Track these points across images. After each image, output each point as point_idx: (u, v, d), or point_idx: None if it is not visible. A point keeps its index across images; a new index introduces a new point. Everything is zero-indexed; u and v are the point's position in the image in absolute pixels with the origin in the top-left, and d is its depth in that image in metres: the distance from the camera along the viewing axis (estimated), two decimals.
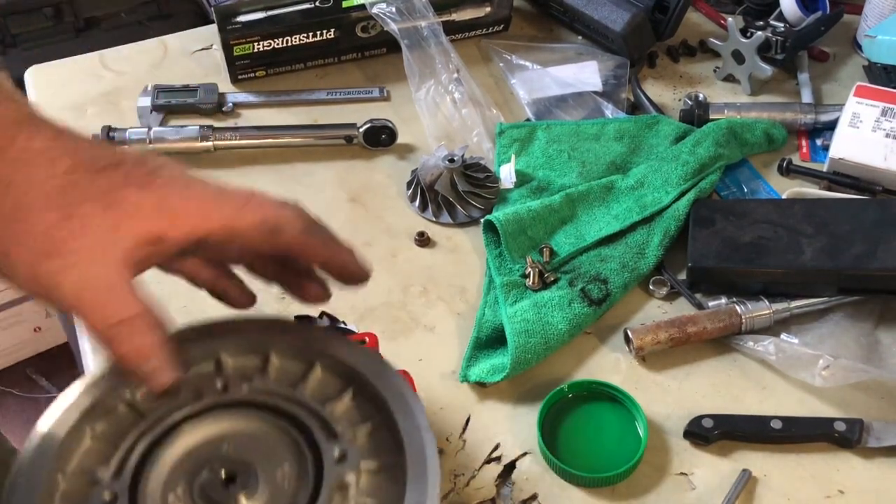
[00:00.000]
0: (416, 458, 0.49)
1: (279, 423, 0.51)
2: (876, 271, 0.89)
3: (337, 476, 0.48)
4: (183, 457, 0.49)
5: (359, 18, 1.17)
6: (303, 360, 0.54)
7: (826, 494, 0.80)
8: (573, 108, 1.15)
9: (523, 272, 0.94)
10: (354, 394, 0.53)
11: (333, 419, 0.51)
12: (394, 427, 0.51)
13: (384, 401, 0.52)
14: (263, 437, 0.50)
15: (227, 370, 0.53)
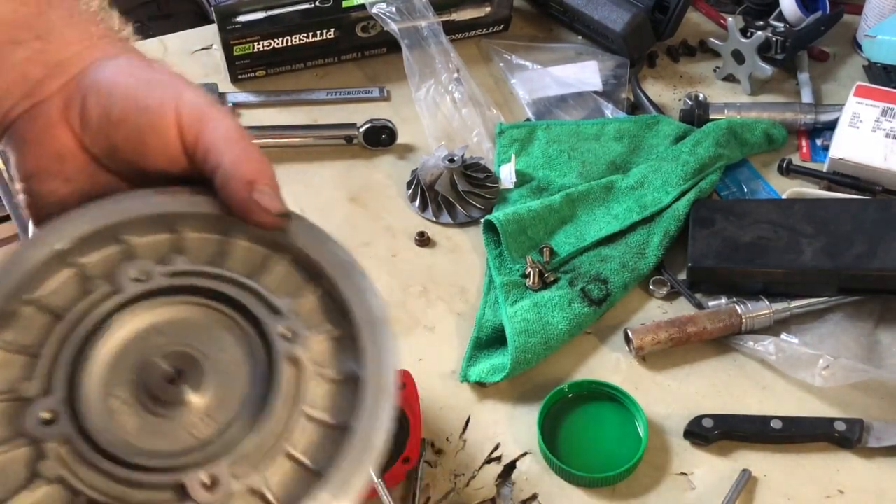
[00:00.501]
0: (366, 323, 0.46)
1: (212, 304, 0.46)
2: (876, 271, 0.89)
3: (286, 351, 0.44)
4: (116, 357, 0.44)
5: (359, 18, 1.16)
6: (219, 231, 0.49)
7: (826, 494, 0.80)
8: (573, 108, 1.15)
9: (523, 272, 0.94)
10: (286, 263, 0.48)
11: (270, 292, 0.46)
12: (337, 294, 0.47)
13: (320, 267, 0.47)
14: (198, 323, 0.45)
15: (138, 253, 0.48)
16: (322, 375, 0.45)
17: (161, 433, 0.42)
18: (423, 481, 0.80)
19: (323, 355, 0.45)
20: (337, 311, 0.47)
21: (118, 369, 0.43)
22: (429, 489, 0.80)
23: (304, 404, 0.43)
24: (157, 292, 0.45)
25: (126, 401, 0.43)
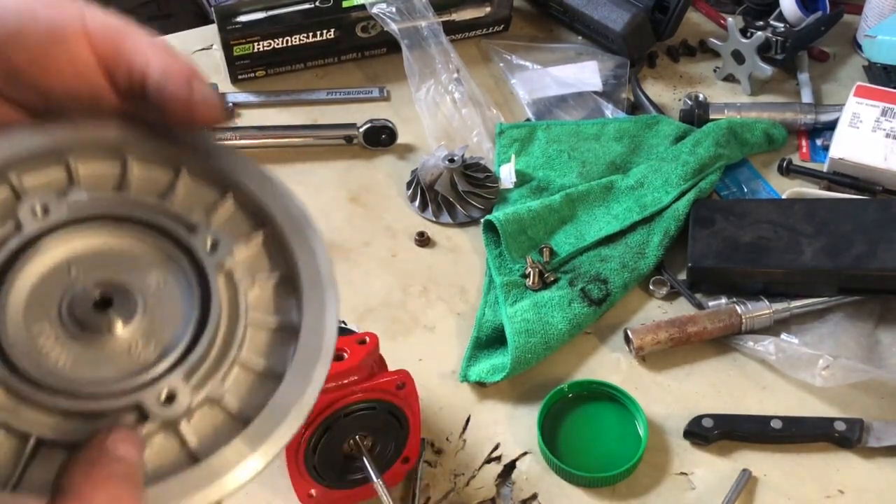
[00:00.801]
0: (291, 224, 0.44)
1: (131, 230, 0.43)
2: (876, 271, 0.89)
3: (217, 265, 0.42)
4: (34, 294, 0.41)
5: (359, 18, 1.17)
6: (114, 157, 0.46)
7: (826, 494, 0.80)
8: (573, 108, 1.15)
9: (523, 272, 0.94)
10: (188, 177, 0.46)
11: (184, 210, 0.44)
12: (252, 200, 0.45)
13: (226, 174, 0.45)
14: (119, 252, 0.43)
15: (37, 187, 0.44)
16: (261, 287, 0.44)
17: (101, 362, 0.40)
18: (423, 481, 0.80)
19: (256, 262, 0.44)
20: (256, 215, 0.45)
21: (39, 306, 0.40)
22: (429, 489, 0.80)
23: (245, 311, 0.42)
24: (65, 224, 0.42)
25: (56, 337, 0.40)
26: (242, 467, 0.39)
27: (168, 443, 0.39)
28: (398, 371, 0.73)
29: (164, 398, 0.39)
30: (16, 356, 0.39)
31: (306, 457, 0.72)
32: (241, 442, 0.39)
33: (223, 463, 0.39)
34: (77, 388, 0.38)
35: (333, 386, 0.70)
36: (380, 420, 0.73)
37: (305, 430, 0.70)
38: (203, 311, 0.41)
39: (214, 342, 0.41)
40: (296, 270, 0.44)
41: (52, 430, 0.38)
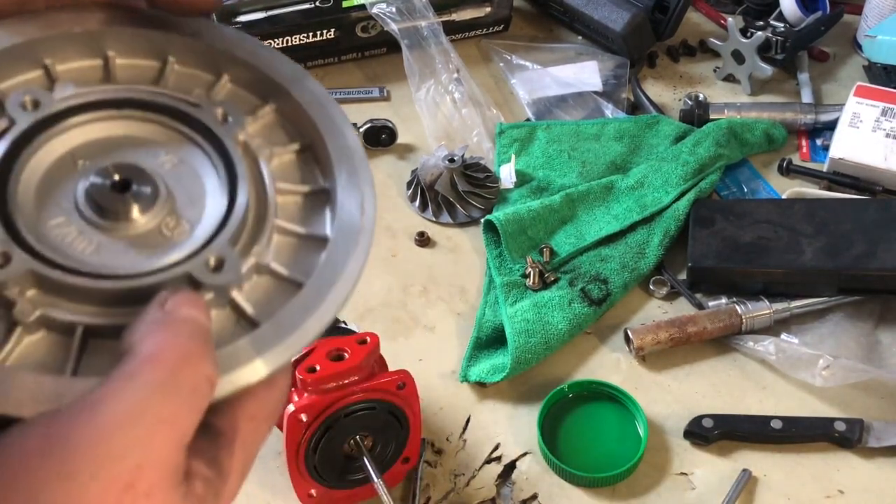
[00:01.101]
0: (305, 96, 0.42)
1: (131, 115, 0.41)
2: (876, 271, 0.89)
3: (232, 136, 0.39)
4: (44, 183, 0.38)
5: (359, 18, 1.16)
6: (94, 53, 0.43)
7: (826, 494, 0.80)
8: (573, 108, 1.15)
9: (523, 272, 0.94)
10: (178, 64, 0.43)
11: (181, 92, 0.41)
12: (253, 75, 0.43)
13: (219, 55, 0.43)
14: (125, 135, 0.40)
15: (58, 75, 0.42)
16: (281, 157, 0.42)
17: (133, 246, 0.37)
18: (423, 481, 0.80)
19: (270, 132, 0.42)
20: (263, 86, 0.43)
21: (53, 202, 0.38)
22: (429, 489, 0.80)
23: (271, 178, 0.40)
24: (60, 116, 0.39)
25: (79, 230, 0.37)
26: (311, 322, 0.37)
27: (224, 314, 0.37)
28: (398, 371, 0.73)
29: (213, 265, 0.36)
30: (44, 250, 0.36)
31: (306, 457, 0.72)
32: (298, 302, 0.37)
33: (285, 322, 0.37)
34: (116, 271, 0.36)
35: (334, 386, 0.70)
36: (380, 420, 0.73)
37: (305, 431, 0.70)
38: (230, 183, 0.39)
39: (249, 209, 0.38)
40: (318, 139, 0.41)
41: (98, 317, 0.35)
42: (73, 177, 0.38)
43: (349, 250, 0.39)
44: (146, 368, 0.32)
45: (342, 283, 0.38)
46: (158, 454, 0.32)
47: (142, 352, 0.33)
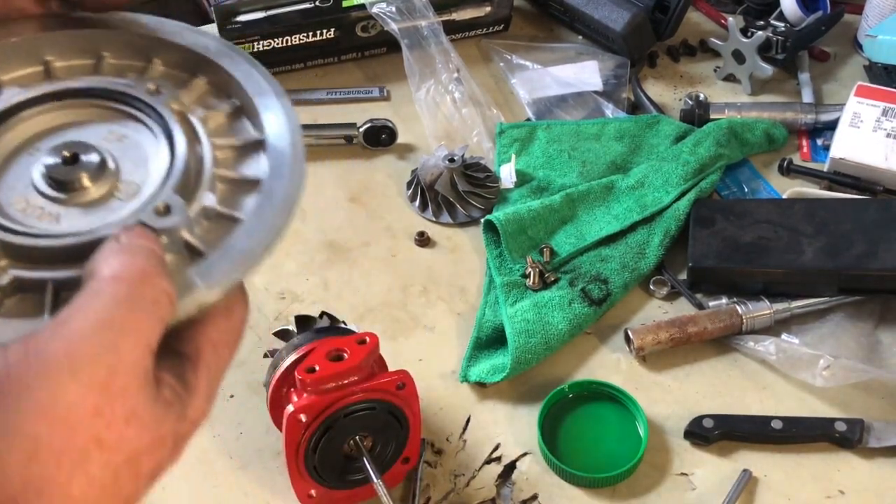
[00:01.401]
0: (231, 65, 0.47)
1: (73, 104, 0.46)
2: (876, 271, 0.89)
3: (166, 105, 0.44)
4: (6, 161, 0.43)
5: (359, 18, 1.16)
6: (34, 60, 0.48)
7: (826, 495, 0.79)
8: (573, 107, 1.15)
9: (523, 272, 0.94)
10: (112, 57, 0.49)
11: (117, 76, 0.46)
12: (182, 56, 0.48)
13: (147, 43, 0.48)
14: (70, 121, 0.45)
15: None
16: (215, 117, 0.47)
17: (90, 211, 0.41)
18: (423, 481, 0.80)
19: (204, 100, 0.47)
20: (189, 61, 0.48)
21: (12, 183, 0.42)
22: (429, 489, 0.80)
23: (207, 136, 0.45)
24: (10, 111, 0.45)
25: (42, 207, 0.42)
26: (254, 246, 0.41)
27: (179, 258, 0.41)
28: (398, 371, 0.73)
29: (161, 210, 0.40)
30: (9, 224, 0.40)
31: (306, 457, 0.72)
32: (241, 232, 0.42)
33: (231, 249, 0.41)
34: (76, 232, 0.40)
35: (333, 386, 0.70)
36: (380, 420, 0.73)
37: (305, 431, 0.70)
38: (170, 144, 0.43)
39: (188, 161, 0.43)
40: (247, 99, 0.46)
41: (65, 272, 0.39)
42: (27, 161, 0.43)
43: (282, 184, 0.44)
44: (109, 285, 0.36)
45: (279, 212, 0.42)
46: (128, 358, 0.36)
47: (104, 272, 0.37)
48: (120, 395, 0.36)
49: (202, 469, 0.81)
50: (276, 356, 0.77)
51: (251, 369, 0.87)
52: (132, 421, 0.36)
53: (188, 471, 0.80)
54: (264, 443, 0.82)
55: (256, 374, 0.87)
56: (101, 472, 0.36)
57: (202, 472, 0.80)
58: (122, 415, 0.36)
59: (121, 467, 0.36)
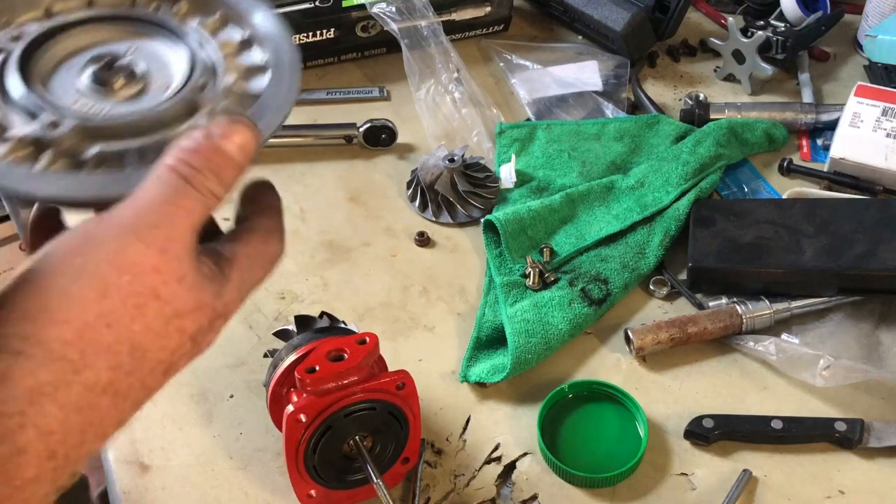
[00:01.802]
0: None
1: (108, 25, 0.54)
2: (876, 271, 0.89)
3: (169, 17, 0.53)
4: (56, 69, 0.51)
5: (359, 18, 1.16)
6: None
7: (826, 495, 0.79)
8: (573, 107, 1.15)
9: (523, 272, 0.94)
10: None
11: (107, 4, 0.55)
12: None
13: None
14: (105, 38, 0.53)
15: None
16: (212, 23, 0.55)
17: (134, 102, 0.50)
18: (423, 481, 0.80)
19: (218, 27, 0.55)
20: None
21: (66, 86, 0.51)
22: (429, 489, 0.80)
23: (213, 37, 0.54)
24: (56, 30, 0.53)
25: (90, 99, 0.50)
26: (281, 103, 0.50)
27: None
28: (398, 371, 0.73)
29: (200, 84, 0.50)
30: (77, 114, 0.48)
31: (306, 457, 0.72)
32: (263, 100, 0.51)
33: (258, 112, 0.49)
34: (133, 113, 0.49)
35: (333, 386, 0.70)
36: (380, 420, 0.73)
37: (305, 431, 0.70)
38: (187, 47, 0.52)
39: (205, 57, 0.52)
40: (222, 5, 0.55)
41: (137, 142, 0.48)
42: (72, 69, 0.51)
43: (284, 58, 0.52)
44: (170, 172, 0.44)
45: (289, 78, 0.51)
46: (180, 231, 0.44)
47: (168, 161, 0.45)
48: (175, 259, 0.44)
49: (202, 469, 0.81)
50: (276, 356, 0.77)
51: (251, 369, 0.87)
52: (182, 282, 0.44)
53: (188, 471, 0.80)
54: (264, 443, 0.82)
55: (256, 374, 0.87)
56: (156, 319, 0.43)
57: (202, 472, 0.80)
58: (175, 275, 0.44)
59: (171, 319, 0.44)
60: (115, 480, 0.80)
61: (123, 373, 0.43)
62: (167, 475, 0.80)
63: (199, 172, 0.45)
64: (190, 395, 0.86)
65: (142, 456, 0.81)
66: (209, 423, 0.84)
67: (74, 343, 0.42)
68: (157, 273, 0.43)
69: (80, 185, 0.46)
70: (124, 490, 0.79)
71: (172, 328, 0.45)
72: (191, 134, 0.46)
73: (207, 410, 0.85)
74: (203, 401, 0.85)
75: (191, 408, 0.85)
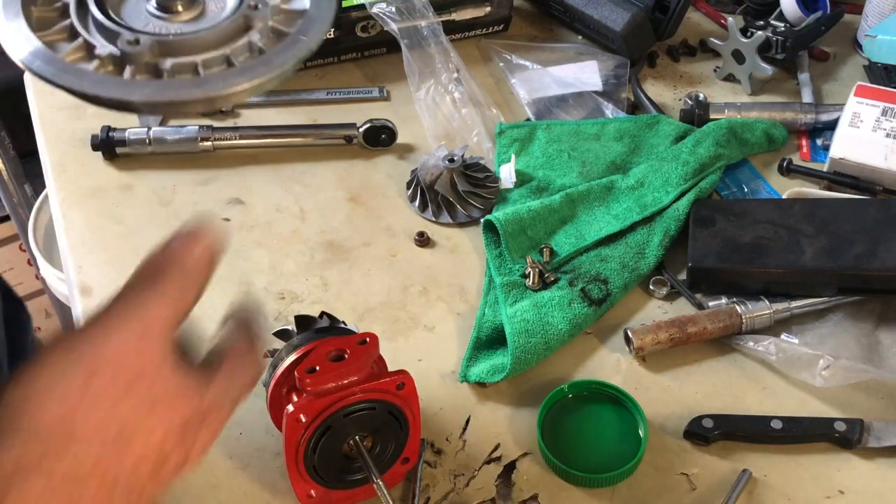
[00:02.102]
0: None
1: None
2: (876, 271, 0.89)
3: None
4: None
5: (359, 18, 1.16)
6: None
7: (826, 495, 0.79)
8: (573, 107, 1.15)
9: (523, 272, 0.94)
10: None
11: None
12: None
13: None
14: None
15: None
16: None
17: (196, 23, 0.57)
18: (423, 481, 0.80)
19: None
20: None
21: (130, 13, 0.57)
22: (428, 489, 0.80)
23: None
24: None
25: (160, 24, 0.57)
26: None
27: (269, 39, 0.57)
28: (398, 371, 0.73)
29: (253, 5, 0.57)
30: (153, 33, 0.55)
31: (306, 457, 0.72)
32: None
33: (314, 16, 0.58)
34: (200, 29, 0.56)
35: (333, 386, 0.70)
36: (380, 420, 0.73)
37: (305, 431, 0.70)
38: None
39: None
40: None
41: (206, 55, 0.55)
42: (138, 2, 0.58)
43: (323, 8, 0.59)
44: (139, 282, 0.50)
45: (320, 23, 0.58)
46: (157, 324, 0.48)
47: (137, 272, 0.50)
48: (155, 343, 0.47)
49: (202, 469, 0.81)
50: (276, 356, 0.77)
51: None
52: (164, 364, 0.47)
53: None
54: (264, 443, 0.82)
55: None
56: (142, 399, 0.46)
57: (202, 472, 0.80)
58: (156, 357, 0.47)
59: (157, 401, 0.46)
60: None
61: (110, 456, 0.44)
62: None
63: (163, 280, 0.49)
64: None
65: None
66: None
67: (60, 425, 0.43)
68: (139, 355, 0.47)
69: (162, 90, 0.53)
70: None
71: (159, 410, 0.47)
72: (158, 248, 0.51)
73: None
74: None
75: None
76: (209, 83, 0.53)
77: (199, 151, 1.08)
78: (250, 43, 0.57)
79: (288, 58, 0.56)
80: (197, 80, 0.54)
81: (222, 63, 0.55)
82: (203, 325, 0.93)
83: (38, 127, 1.13)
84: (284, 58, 0.56)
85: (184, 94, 0.53)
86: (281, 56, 0.56)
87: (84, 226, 1.01)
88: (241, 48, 0.56)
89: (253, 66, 0.55)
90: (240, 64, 0.56)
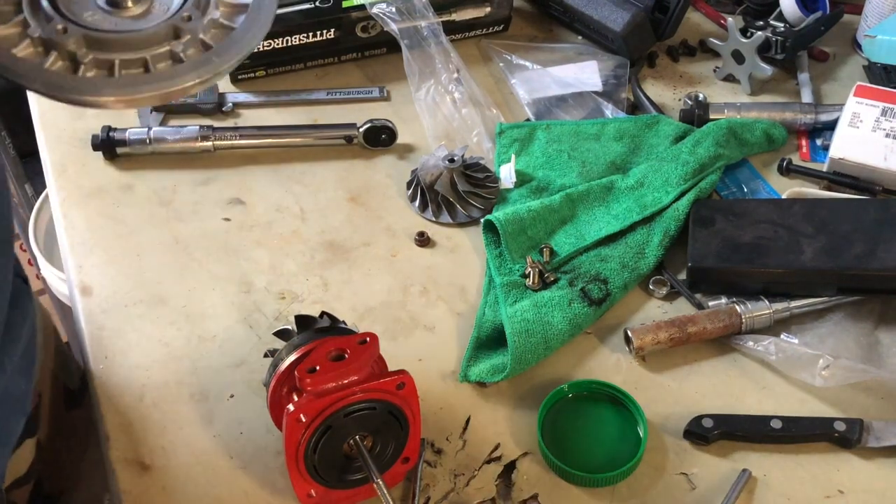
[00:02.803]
0: None
1: None
2: (876, 271, 0.89)
3: None
4: None
5: (359, 18, 1.16)
6: None
7: (826, 494, 0.80)
8: (573, 108, 1.15)
9: (523, 272, 0.94)
10: None
11: None
12: None
13: None
14: None
15: None
16: None
17: (138, 21, 0.60)
18: (423, 481, 0.80)
19: None
20: None
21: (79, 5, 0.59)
22: (429, 489, 0.80)
23: None
24: None
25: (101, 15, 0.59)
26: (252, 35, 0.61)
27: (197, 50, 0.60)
28: (398, 371, 0.73)
29: (186, 17, 0.60)
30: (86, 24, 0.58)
31: (306, 457, 0.72)
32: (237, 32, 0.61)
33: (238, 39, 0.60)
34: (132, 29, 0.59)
35: (333, 386, 0.70)
36: (380, 420, 0.73)
37: (305, 431, 0.70)
38: None
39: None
40: None
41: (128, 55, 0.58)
42: None
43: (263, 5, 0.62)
44: None
45: (262, 20, 0.62)
46: None
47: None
48: None
49: (202, 469, 0.81)
50: (276, 356, 0.77)
51: (251, 369, 0.88)
52: None
53: (188, 471, 0.81)
54: (264, 443, 0.82)
55: (256, 374, 0.87)
56: None
57: (202, 472, 0.80)
58: None
59: None
60: (115, 480, 0.80)
61: None
62: (167, 475, 0.80)
63: None
64: (190, 395, 0.86)
65: (142, 456, 0.81)
66: (209, 422, 0.84)
67: None
68: None
69: (70, 83, 0.56)
70: (124, 490, 0.79)
71: None
72: None
73: (208, 410, 0.85)
74: (203, 400, 0.85)
75: (191, 408, 0.85)
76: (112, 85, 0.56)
77: (199, 151, 1.08)
78: (172, 51, 0.59)
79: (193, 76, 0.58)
80: (109, 80, 0.57)
81: (140, 67, 0.58)
82: (204, 324, 0.93)
83: (39, 127, 1.13)
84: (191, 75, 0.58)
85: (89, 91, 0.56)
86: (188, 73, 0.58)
87: (84, 226, 1.01)
88: (161, 55, 0.59)
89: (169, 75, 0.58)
90: (155, 70, 0.58)
